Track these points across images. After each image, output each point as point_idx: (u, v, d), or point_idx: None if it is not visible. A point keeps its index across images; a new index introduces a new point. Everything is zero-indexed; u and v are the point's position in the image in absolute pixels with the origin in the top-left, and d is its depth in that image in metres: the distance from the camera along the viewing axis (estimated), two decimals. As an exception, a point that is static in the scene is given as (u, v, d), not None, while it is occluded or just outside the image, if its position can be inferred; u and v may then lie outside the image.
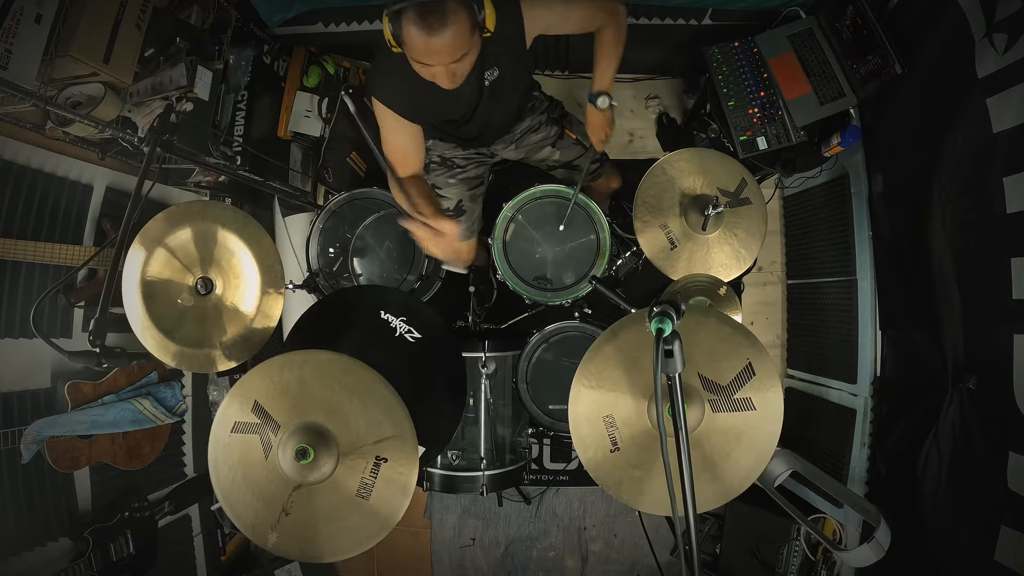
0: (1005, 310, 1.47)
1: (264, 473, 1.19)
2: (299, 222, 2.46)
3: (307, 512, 1.19)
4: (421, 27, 1.18)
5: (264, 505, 1.18)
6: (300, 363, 1.21)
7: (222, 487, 1.19)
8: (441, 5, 1.16)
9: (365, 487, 1.18)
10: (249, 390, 1.20)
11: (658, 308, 0.93)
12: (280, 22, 2.35)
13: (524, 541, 2.72)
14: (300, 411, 1.19)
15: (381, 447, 1.19)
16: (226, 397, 1.21)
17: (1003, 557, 1.45)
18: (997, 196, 1.48)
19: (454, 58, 1.24)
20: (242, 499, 1.19)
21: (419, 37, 1.19)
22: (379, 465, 1.18)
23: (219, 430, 1.20)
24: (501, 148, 1.91)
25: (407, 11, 1.17)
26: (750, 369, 1.15)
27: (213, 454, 1.20)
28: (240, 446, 1.19)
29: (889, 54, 1.85)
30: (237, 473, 1.19)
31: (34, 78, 1.55)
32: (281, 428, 1.19)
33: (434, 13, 1.17)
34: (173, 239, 1.51)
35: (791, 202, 2.62)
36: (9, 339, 1.77)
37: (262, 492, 1.19)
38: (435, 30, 1.18)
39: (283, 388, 1.20)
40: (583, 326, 1.98)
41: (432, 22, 1.17)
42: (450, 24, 1.18)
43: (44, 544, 1.83)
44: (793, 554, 2.16)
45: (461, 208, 1.96)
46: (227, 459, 1.19)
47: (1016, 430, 1.44)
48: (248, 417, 1.19)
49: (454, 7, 1.18)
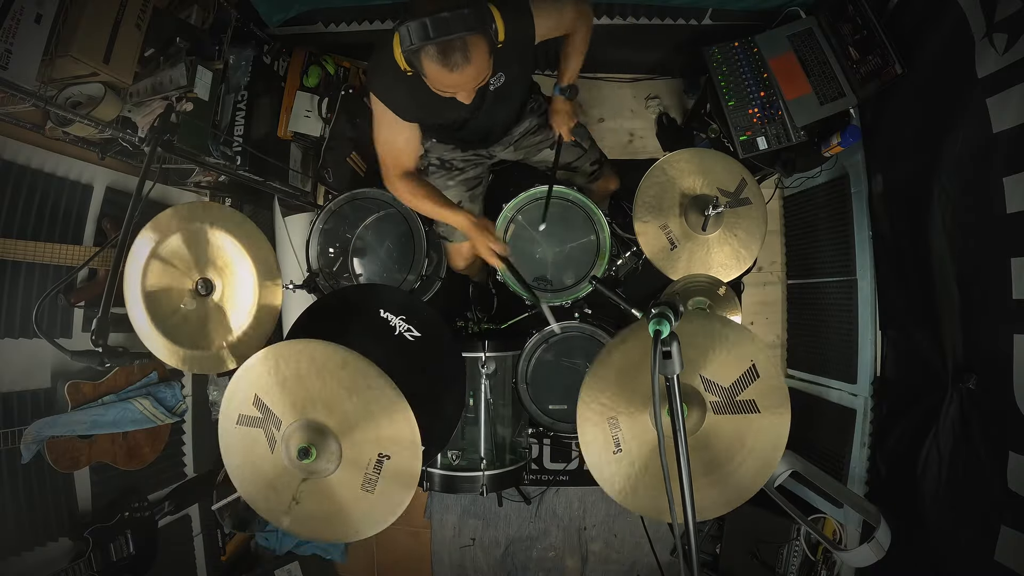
0: (1005, 310, 1.47)
1: (271, 466, 1.21)
2: (299, 222, 2.46)
3: (316, 501, 1.21)
4: (444, 65, 1.17)
5: (275, 493, 1.22)
6: (296, 354, 1.21)
7: (235, 474, 1.23)
8: (462, 42, 1.15)
9: (369, 482, 1.19)
10: (248, 383, 1.21)
11: (656, 309, 0.93)
12: (280, 22, 2.35)
13: (524, 541, 2.72)
14: (300, 408, 1.20)
15: (384, 441, 1.19)
16: (227, 387, 1.22)
17: (1003, 557, 1.45)
18: (997, 196, 1.48)
19: (477, 84, 1.26)
20: (254, 487, 1.23)
21: (441, 72, 1.19)
22: (382, 462, 1.19)
23: (226, 422, 1.22)
24: (500, 150, 1.92)
25: (426, 48, 1.16)
26: (753, 371, 1.15)
27: (224, 443, 1.23)
28: (246, 440, 1.22)
29: (889, 54, 1.85)
30: (246, 465, 1.23)
31: (34, 78, 1.55)
32: (283, 424, 1.20)
33: (457, 51, 1.16)
34: (172, 241, 1.51)
35: (791, 202, 2.62)
36: (9, 339, 1.77)
37: (271, 482, 1.22)
38: (459, 67, 1.18)
39: (281, 382, 1.20)
40: (583, 326, 1.98)
41: (456, 60, 1.17)
42: (473, 59, 1.18)
43: (44, 544, 1.84)
44: (793, 554, 2.16)
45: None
46: (236, 449, 1.23)
47: (1016, 430, 1.44)
48: (250, 411, 1.20)
49: (474, 40, 1.17)
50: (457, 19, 1.14)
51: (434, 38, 1.14)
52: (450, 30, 1.14)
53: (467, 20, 1.14)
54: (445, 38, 1.14)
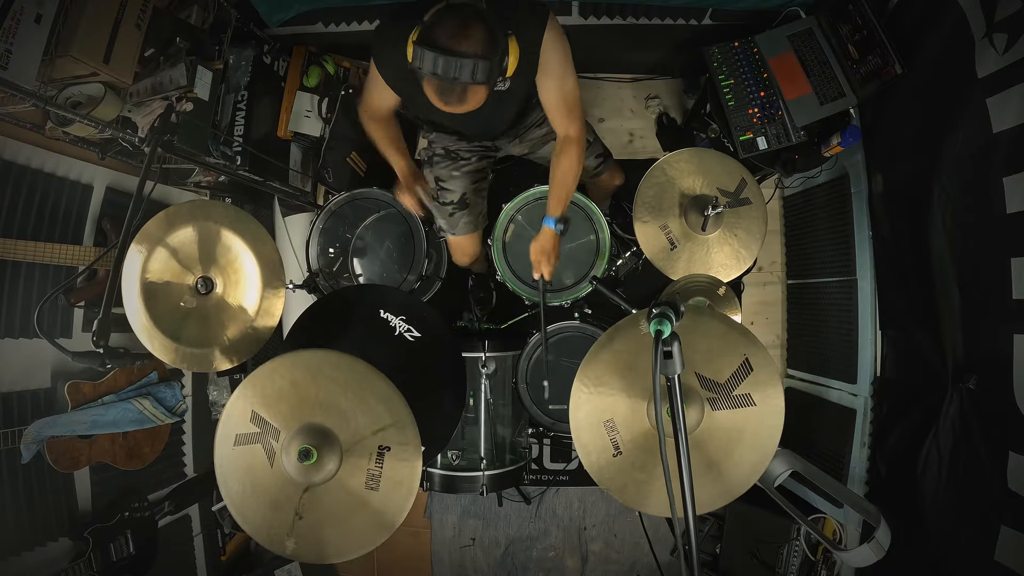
0: (1005, 310, 1.47)
1: (272, 480, 1.20)
2: (299, 222, 2.46)
3: (320, 513, 1.20)
4: (439, 98, 1.20)
5: (276, 512, 1.19)
6: (290, 365, 1.21)
7: (234, 502, 1.20)
8: (463, 88, 1.16)
9: (373, 478, 1.19)
10: (245, 401, 1.21)
11: (657, 310, 0.93)
12: (280, 22, 2.35)
13: (524, 541, 2.72)
14: (297, 414, 1.20)
15: (382, 436, 1.19)
16: (223, 412, 1.21)
17: (1003, 557, 1.45)
18: (997, 196, 1.48)
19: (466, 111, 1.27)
20: (255, 510, 1.20)
21: (434, 99, 1.21)
22: (383, 454, 1.19)
23: (222, 447, 1.20)
24: (505, 143, 1.91)
25: (428, 77, 1.17)
26: (747, 365, 1.16)
27: (221, 471, 1.20)
28: (245, 458, 1.20)
29: (889, 54, 1.85)
30: (246, 485, 1.20)
31: (34, 78, 1.54)
32: (281, 433, 1.20)
33: (455, 94, 1.17)
34: (173, 239, 1.51)
35: (791, 202, 2.62)
36: (9, 339, 1.77)
37: (273, 499, 1.20)
38: (452, 104, 1.20)
39: (278, 393, 1.20)
40: (583, 326, 1.98)
41: (451, 100, 1.19)
42: (469, 101, 1.20)
43: (44, 544, 1.83)
44: (793, 554, 2.16)
45: (465, 201, 1.96)
46: (234, 473, 1.20)
47: (1016, 430, 1.44)
48: (248, 428, 1.20)
49: (475, 89, 1.18)
50: (467, 68, 1.14)
51: (440, 76, 1.15)
52: (456, 76, 1.14)
53: (476, 71, 1.15)
54: (448, 80, 1.15)
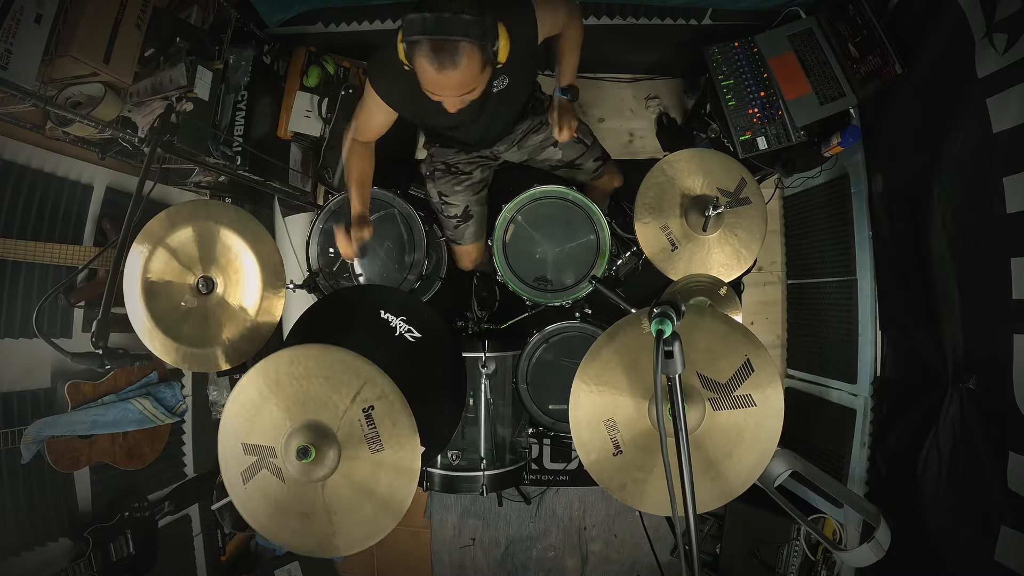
0: (1005, 310, 1.47)
1: (291, 493, 1.21)
2: (299, 222, 2.46)
3: (347, 497, 1.21)
4: (432, 62, 1.19)
5: (310, 521, 1.21)
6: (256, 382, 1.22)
7: (271, 531, 1.23)
8: (454, 45, 1.17)
9: (374, 440, 1.20)
10: (232, 439, 1.22)
11: (658, 309, 0.93)
12: (280, 22, 2.35)
13: (524, 541, 2.72)
14: (279, 424, 1.21)
15: (360, 400, 1.20)
16: (220, 462, 1.23)
17: (1003, 557, 1.45)
18: (997, 196, 1.48)
19: (462, 93, 1.27)
20: (291, 528, 1.22)
21: (429, 70, 1.20)
22: (370, 415, 1.20)
23: (235, 491, 1.23)
24: (503, 150, 1.92)
25: (420, 43, 1.18)
26: (748, 366, 1.16)
27: (246, 511, 1.23)
28: (258, 488, 1.22)
29: (889, 54, 1.85)
30: (271, 509, 1.22)
31: (34, 78, 1.54)
32: (275, 448, 1.21)
33: (446, 51, 1.17)
34: (173, 239, 1.51)
35: (791, 202, 2.62)
36: (9, 339, 1.77)
37: (300, 510, 1.22)
38: (445, 67, 1.19)
39: (255, 411, 1.21)
40: (583, 326, 1.98)
41: (443, 59, 1.18)
42: (460, 64, 1.19)
43: (44, 544, 1.83)
44: (793, 554, 2.16)
45: (469, 213, 1.97)
46: (258, 505, 1.23)
47: (1016, 430, 1.44)
48: (246, 461, 1.22)
49: (467, 48, 1.18)
50: (456, 23, 1.15)
51: (429, 34, 1.16)
52: (446, 31, 1.15)
53: (467, 27, 1.16)
54: (439, 37, 1.16)
